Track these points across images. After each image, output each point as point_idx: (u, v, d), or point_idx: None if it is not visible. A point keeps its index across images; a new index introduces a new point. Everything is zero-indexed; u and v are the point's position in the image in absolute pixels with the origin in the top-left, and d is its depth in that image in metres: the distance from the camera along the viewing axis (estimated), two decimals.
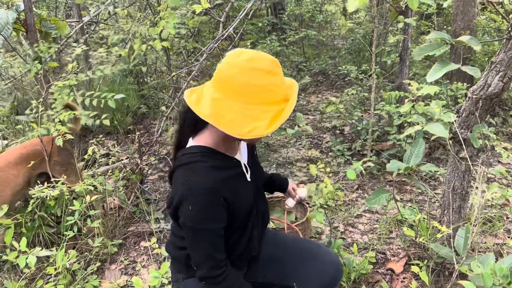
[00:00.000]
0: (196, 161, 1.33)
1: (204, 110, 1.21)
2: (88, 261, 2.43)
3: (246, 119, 1.18)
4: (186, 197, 1.28)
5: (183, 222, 1.32)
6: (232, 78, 1.19)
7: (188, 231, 1.34)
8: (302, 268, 1.64)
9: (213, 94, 1.22)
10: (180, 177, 1.32)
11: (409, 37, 3.51)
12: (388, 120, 3.66)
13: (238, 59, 1.20)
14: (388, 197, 2.37)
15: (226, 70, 1.21)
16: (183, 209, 1.30)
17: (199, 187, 1.28)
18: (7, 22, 2.56)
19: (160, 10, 3.18)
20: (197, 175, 1.30)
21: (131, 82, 4.89)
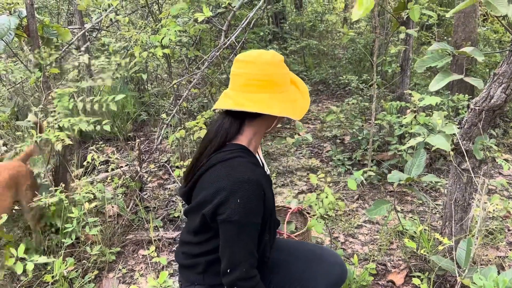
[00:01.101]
0: (236, 157, 1.37)
1: (272, 109, 1.35)
2: (85, 269, 2.41)
3: (293, 103, 1.41)
4: (234, 190, 1.29)
5: (227, 218, 1.30)
6: (274, 75, 1.38)
7: (232, 228, 1.32)
8: (308, 269, 1.65)
9: (262, 96, 1.36)
10: (224, 172, 1.34)
11: (411, 47, 3.52)
12: (388, 130, 3.66)
13: (266, 59, 1.38)
14: (389, 208, 2.36)
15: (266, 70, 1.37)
16: (229, 204, 1.29)
17: (247, 179, 1.31)
18: (9, 28, 2.56)
19: (162, 18, 3.18)
20: (242, 169, 1.34)
21: (132, 89, 4.89)
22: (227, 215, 1.29)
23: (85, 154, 3.77)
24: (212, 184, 1.34)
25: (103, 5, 3.46)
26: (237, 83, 1.39)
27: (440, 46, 1.92)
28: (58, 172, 2.93)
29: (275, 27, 6.70)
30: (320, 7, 8.44)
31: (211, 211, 1.33)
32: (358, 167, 3.58)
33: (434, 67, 1.91)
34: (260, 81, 1.36)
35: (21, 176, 2.29)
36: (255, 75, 1.36)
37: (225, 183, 1.31)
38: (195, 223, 1.44)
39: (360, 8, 1.04)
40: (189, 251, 1.52)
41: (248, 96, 1.36)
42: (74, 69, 2.96)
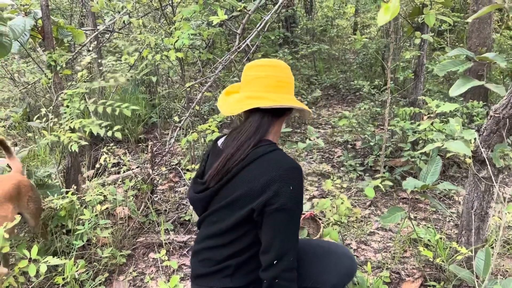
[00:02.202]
0: (276, 149, 1.42)
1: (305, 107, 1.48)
2: (96, 271, 2.39)
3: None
4: (287, 178, 1.33)
5: (280, 207, 1.31)
6: (291, 78, 1.53)
7: (284, 216, 1.33)
8: (317, 264, 1.66)
9: (288, 96, 1.48)
10: (272, 163, 1.37)
11: (425, 53, 3.48)
12: (401, 136, 3.62)
13: (285, 65, 1.52)
14: (403, 215, 2.32)
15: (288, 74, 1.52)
16: (283, 193, 1.31)
17: (295, 167, 1.36)
18: (24, 29, 2.56)
19: (175, 21, 3.18)
20: (287, 158, 1.39)
21: (143, 92, 4.90)
22: (280, 204, 1.31)
23: (96, 155, 3.77)
24: (259, 177, 1.35)
25: (117, 8, 3.47)
26: (266, 84, 1.47)
27: (460, 52, 1.89)
28: (69, 173, 2.93)
29: (286, 31, 6.69)
30: (330, 12, 8.43)
31: (262, 203, 1.33)
32: (370, 173, 3.54)
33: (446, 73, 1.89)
34: (288, 83, 1.50)
35: (23, 188, 2.26)
36: (284, 77, 1.49)
37: (276, 172, 1.33)
38: (226, 223, 1.43)
39: (386, 13, 1.02)
40: (214, 257, 1.49)
41: (283, 97, 1.46)
42: (83, 70, 2.96)
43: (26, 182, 2.30)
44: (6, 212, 2.08)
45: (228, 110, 1.50)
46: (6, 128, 3.79)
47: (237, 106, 1.47)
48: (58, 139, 2.57)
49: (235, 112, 1.47)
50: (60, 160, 3.04)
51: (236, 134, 1.48)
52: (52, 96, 3.01)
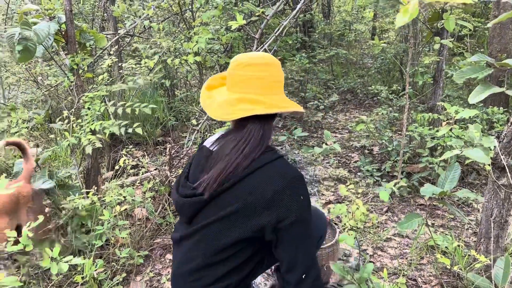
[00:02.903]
0: (279, 157, 1.37)
1: (299, 107, 1.41)
2: (114, 271, 2.44)
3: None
4: (295, 189, 1.30)
5: (296, 219, 1.28)
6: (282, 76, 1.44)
7: (301, 226, 1.30)
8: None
9: (283, 96, 1.42)
10: (276, 173, 1.31)
11: (444, 58, 3.45)
12: (419, 142, 3.59)
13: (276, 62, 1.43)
14: (421, 222, 2.30)
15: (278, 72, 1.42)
16: (293, 205, 1.28)
17: (299, 176, 1.33)
18: (49, 33, 2.64)
19: (195, 25, 3.23)
20: (291, 167, 1.36)
21: (161, 95, 4.96)
22: (294, 217, 1.28)
23: (115, 157, 3.84)
24: (263, 188, 1.28)
25: (138, 12, 3.53)
26: (257, 86, 1.36)
27: (480, 58, 1.87)
28: (89, 174, 2.99)
29: (303, 35, 6.70)
30: (348, 16, 8.41)
31: (274, 219, 1.27)
32: (387, 179, 3.52)
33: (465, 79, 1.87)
34: (278, 83, 1.41)
35: (21, 198, 2.16)
36: (275, 77, 1.39)
37: (282, 184, 1.28)
38: (225, 240, 1.33)
39: (405, 15, 1.02)
40: (210, 275, 1.37)
41: (275, 98, 1.38)
42: (104, 73, 3.03)
43: (26, 192, 2.20)
44: (4, 222, 1.97)
45: (218, 113, 1.37)
46: (29, 129, 3.88)
47: (229, 109, 1.35)
48: (78, 141, 2.63)
49: (229, 118, 1.35)
50: (81, 162, 3.10)
51: (236, 142, 1.35)
52: (73, 99, 3.08)
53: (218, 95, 1.43)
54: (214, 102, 1.41)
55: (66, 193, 2.72)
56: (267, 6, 3.13)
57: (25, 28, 2.53)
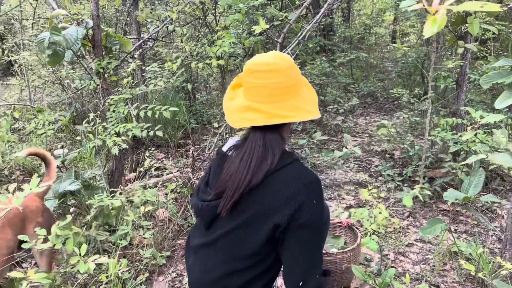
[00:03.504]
0: (294, 160, 1.34)
1: (311, 115, 1.34)
2: (137, 271, 2.48)
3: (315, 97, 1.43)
4: (310, 192, 1.27)
5: (305, 222, 1.26)
6: (297, 78, 1.37)
7: (309, 231, 1.28)
8: None
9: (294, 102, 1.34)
10: (292, 176, 1.29)
11: (468, 62, 3.41)
12: (442, 147, 3.55)
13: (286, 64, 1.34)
14: (444, 228, 2.28)
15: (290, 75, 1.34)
16: (307, 207, 1.26)
17: (316, 180, 1.31)
18: (77, 38, 2.71)
19: (217, 30, 3.27)
20: (307, 171, 1.33)
21: (183, 98, 5.03)
22: (305, 219, 1.25)
23: (138, 159, 3.90)
24: (281, 189, 1.27)
25: (161, 17, 3.60)
26: (261, 94, 1.32)
27: (506, 62, 1.86)
28: (113, 175, 3.06)
29: (323, 39, 6.70)
30: (368, 20, 8.37)
31: (288, 218, 1.26)
32: (408, 184, 3.49)
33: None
34: (286, 88, 1.32)
35: (29, 213, 2.07)
36: (281, 83, 1.31)
37: (298, 186, 1.27)
38: (249, 245, 1.32)
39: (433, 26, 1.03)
40: (233, 284, 1.36)
41: (279, 106, 1.31)
42: (129, 76, 3.09)
43: (35, 207, 2.12)
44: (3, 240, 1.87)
45: (230, 118, 1.37)
46: (54, 130, 3.98)
47: (237, 116, 1.35)
48: (103, 142, 2.69)
49: (235, 125, 1.35)
50: (106, 163, 3.17)
51: (241, 155, 1.33)
52: (98, 101, 3.15)
53: (237, 98, 1.42)
54: (231, 105, 1.40)
55: (91, 193, 2.79)
56: (290, 10, 3.15)
57: (55, 33, 2.61)
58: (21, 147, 3.91)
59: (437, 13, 1.04)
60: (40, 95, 5.71)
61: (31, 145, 4.06)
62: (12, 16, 6.10)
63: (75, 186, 2.65)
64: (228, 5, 2.91)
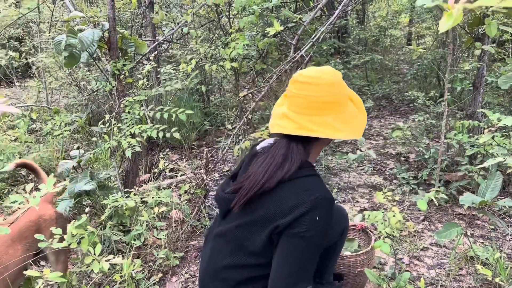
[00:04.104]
0: (313, 175, 1.36)
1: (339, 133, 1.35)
2: (151, 271, 2.50)
3: (355, 121, 1.40)
4: (315, 206, 1.27)
5: (300, 233, 1.25)
6: (337, 96, 1.37)
7: (301, 244, 1.27)
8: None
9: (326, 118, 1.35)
10: (305, 187, 1.31)
11: (485, 64, 3.36)
12: (458, 150, 3.50)
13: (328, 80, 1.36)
14: (460, 232, 2.25)
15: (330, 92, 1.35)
16: (307, 219, 1.26)
17: (328, 199, 1.30)
18: (93, 40, 2.75)
19: (231, 32, 3.28)
20: (322, 187, 1.33)
21: (197, 100, 5.06)
22: (301, 230, 1.25)
23: (152, 160, 3.93)
24: (291, 198, 1.30)
25: (176, 19, 3.62)
26: (298, 105, 1.37)
27: None
28: (128, 176, 3.08)
29: (337, 41, 6.67)
30: (383, 22, 8.30)
31: (286, 223, 1.28)
32: (424, 187, 3.45)
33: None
34: (323, 103, 1.34)
35: (43, 223, 2.01)
36: (319, 98, 1.34)
37: (306, 197, 1.28)
38: (251, 243, 1.37)
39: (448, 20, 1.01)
40: (233, 278, 1.40)
41: (312, 119, 1.34)
42: (144, 78, 3.12)
43: (48, 216, 2.06)
44: (12, 256, 1.79)
45: (270, 123, 1.44)
46: (71, 131, 4.04)
47: (274, 122, 1.42)
48: (118, 144, 2.72)
49: (271, 130, 1.41)
50: (120, 164, 3.20)
51: (264, 158, 1.38)
52: (113, 103, 3.19)
53: (283, 105, 1.46)
54: (276, 111, 1.47)
55: (106, 194, 2.82)
56: (304, 12, 3.14)
57: (71, 36, 2.65)
58: (38, 147, 3.97)
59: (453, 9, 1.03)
60: (57, 97, 5.80)
61: (47, 146, 4.12)
62: (30, 19, 6.21)
63: (90, 186, 2.67)
64: (242, 7, 2.92)
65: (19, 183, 3.64)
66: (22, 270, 1.83)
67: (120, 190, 2.87)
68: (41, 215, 2.02)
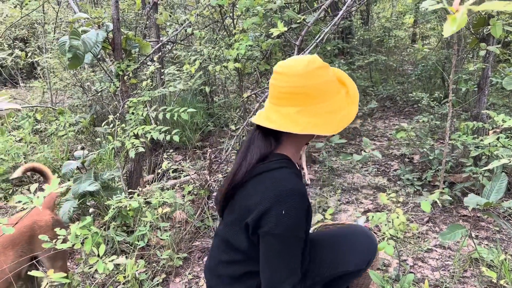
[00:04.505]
0: (282, 167, 1.30)
1: (295, 127, 1.25)
2: (154, 272, 2.50)
3: (331, 115, 1.28)
4: (279, 201, 1.22)
5: (270, 231, 1.23)
6: (305, 87, 1.26)
7: (274, 242, 1.24)
8: (337, 252, 1.56)
9: (290, 109, 1.28)
10: (270, 182, 1.27)
11: (490, 65, 3.34)
12: (462, 151, 3.48)
13: (297, 70, 1.27)
14: (464, 233, 2.23)
15: (296, 82, 1.27)
16: (272, 216, 1.22)
17: (293, 190, 1.24)
18: (97, 41, 2.75)
19: (235, 33, 3.28)
20: (288, 179, 1.26)
21: (201, 101, 5.06)
22: (270, 228, 1.23)
23: (156, 161, 3.94)
24: (257, 194, 1.28)
25: (180, 20, 3.63)
26: (270, 95, 1.34)
27: None
28: (132, 177, 3.09)
29: (342, 42, 6.66)
30: (388, 23, 8.28)
31: (254, 221, 1.26)
32: (428, 188, 3.43)
33: None
34: (290, 94, 1.27)
35: (38, 229, 1.94)
36: (286, 88, 1.27)
37: (270, 192, 1.24)
38: (237, 243, 1.38)
39: (452, 24, 1.01)
40: (227, 275, 1.42)
41: (278, 110, 1.30)
42: (148, 79, 3.12)
43: (44, 222, 1.98)
44: (3, 263, 1.75)
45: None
46: (75, 132, 4.05)
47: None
48: (122, 144, 2.73)
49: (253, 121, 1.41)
50: (124, 164, 3.20)
51: (240, 148, 1.40)
52: (117, 104, 3.19)
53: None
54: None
55: (109, 194, 2.83)
56: (308, 13, 3.14)
57: (73, 38, 2.66)
58: (42, 148, 3.99)
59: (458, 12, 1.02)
60: (61, 98, 5.82)
61: (52, 146, 4.14)
62: (35, 20, 6.24)
63: (94, 187, 2.68)
64: (246, 8, 2.92)
65: (24, 183, 3.65)
66: (15, 276, 1.79)
67: (124, 190, 2.87)
68: (36, 221, 1.95)
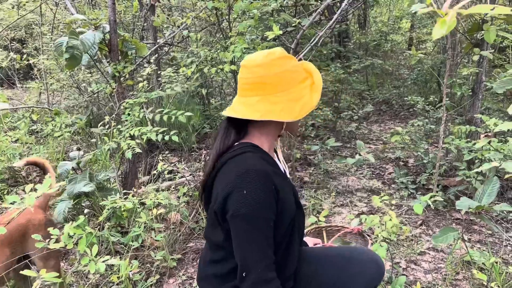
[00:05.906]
0: (245, 152, 1.34)
1: (254, 114, 1.31)
2: (148, 272, 2.51)
3: (292, 103, 1.33)
4: (240, 181, 1.24)
5: (234, 213, 1.23)
6: (264, 77, 1.32)
7: (241, 223, 1.24)
8: (340, 275, 1.53)
9: (252, 99, 1.34)
10: (232, 166, 1.30)
11: (484, 70, 3.37)
12: (456, 155, 3.51)
13: (256, 61, 1.34)
14: (456, 236, 2.25)
15: (256, 73, 1.33)
16: (234, 198, 1.24)
17: (253, 169, 1.26)
18: (94, 42, 2.77)
19: (231, 36, 3.30)
20: (249, 161, 1.30)
21: (197, 103, 5.08)
22: (234, 209, 1.23)
23: (151, 162, 3.95)
24: (222, 181, 1.30)
25: (176, 22, 3.65)
26: (238, 87, 1.41)
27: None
28: (127, 178, 3.10)
29: (338, 45, 6.69)
30: (385, 27, 8.33)
31: (220, 208, 1.27)
32: (422, 192, 3.46)
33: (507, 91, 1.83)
34: (250, 85, 1.34)
35: (31, 227, 1.94)
36: (248, 79, 1.35)
37: (232, 176, 1.27)
38: (217, 238, 1.39)
39: (442, 27, 1.02)
40: (210, 271, 1.44)
41: (242, 101, 1.36)
42: (144, 81, 3.14)
43: (37, 221, 1.99)
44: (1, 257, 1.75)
45: None
46: (71, 133, 4.05)
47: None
48: (118, 145, 2.74)
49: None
50: (120, 166, 3.21)
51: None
52: (114, 105, 3.20)
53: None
54: None
55: (104, 195, 2.83)
56: (303, 17, 3.16)
57: (72, 38, 2.67)
58: (38, 148, 3.99)
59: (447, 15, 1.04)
60: (58, 98, 5.83)
61: (48, 147, 4.14)
62: (32, 21, 6.25)
63: (89, 188, 2.69)
64: (242, 11, 2.94)
65: (19, 184, 3.65)
66: (8, 274, 1.79)
67: (119, 191, 2.88)
68: (30, 219, 1.96)
